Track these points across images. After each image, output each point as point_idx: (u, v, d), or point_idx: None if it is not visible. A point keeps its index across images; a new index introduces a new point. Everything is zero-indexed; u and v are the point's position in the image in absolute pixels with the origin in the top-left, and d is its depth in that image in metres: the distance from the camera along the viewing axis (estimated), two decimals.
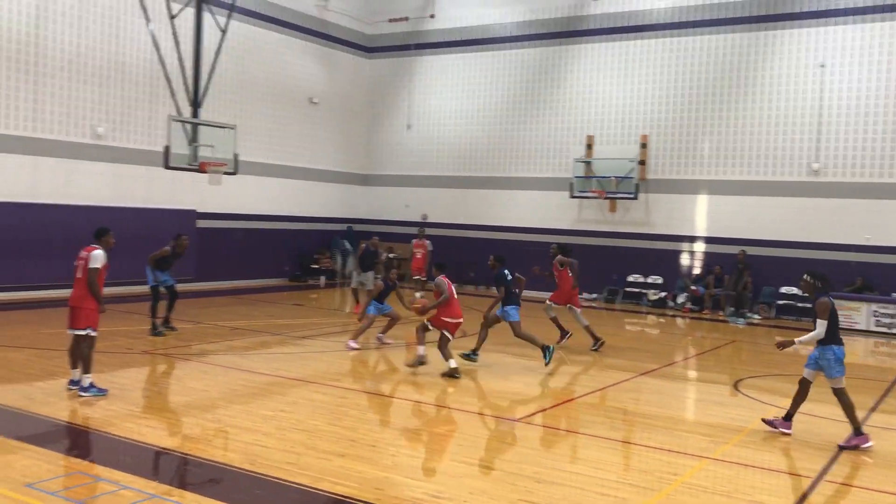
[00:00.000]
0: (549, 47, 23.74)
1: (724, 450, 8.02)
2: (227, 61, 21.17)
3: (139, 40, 19.47)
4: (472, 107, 25.03)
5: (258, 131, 22.93)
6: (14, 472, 6.44)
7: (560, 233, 23.19)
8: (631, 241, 22.29)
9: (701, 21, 21.44)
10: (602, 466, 7.27)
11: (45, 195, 17.82)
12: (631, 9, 22.45)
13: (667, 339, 16.80)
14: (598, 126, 22.82)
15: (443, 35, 25.54)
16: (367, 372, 11.76)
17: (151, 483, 6.35)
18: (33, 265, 17.47)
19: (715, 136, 21.25)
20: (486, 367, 12.13)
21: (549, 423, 8.80)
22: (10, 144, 17.21)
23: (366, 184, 27.03)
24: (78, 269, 9.17)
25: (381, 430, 8.25)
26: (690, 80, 21.59)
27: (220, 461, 6.98)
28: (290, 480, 6.47)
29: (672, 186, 21.73)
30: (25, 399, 8.81)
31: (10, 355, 11.23)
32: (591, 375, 11.85)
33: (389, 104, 26.73)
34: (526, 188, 23.92)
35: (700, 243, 21.51)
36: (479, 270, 24.44)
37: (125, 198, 19.37)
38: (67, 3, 18.17)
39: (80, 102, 18.53)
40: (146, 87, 19.84)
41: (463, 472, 6.93)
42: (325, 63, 25.36)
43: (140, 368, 11.05)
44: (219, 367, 11.56)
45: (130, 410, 8.54)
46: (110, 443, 7.49)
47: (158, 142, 19.39)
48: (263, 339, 14.19)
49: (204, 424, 8.26)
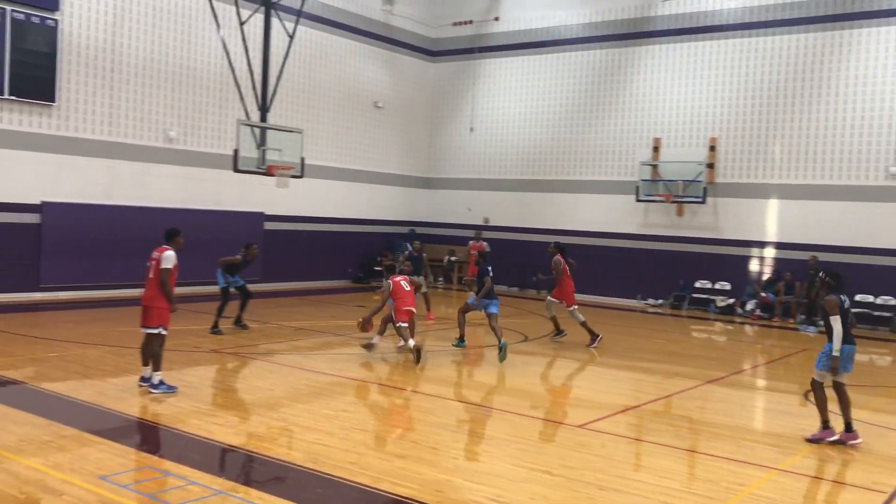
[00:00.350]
0: (615, 48, 23.49)
1: (793, 461, 7.80)
2: (295, 66, 21.56)
3: (210, 46, 19.97)
4: (535, 109, 24.92)
5: (324, 135, 23.27)
6: (89, 464, 6.67)
7: (625, 237, 22.94)
8: (698, 245, 21.86)
9: (773, 21, 20.92)
10: (666, 475, 7.14)
11: (119, 197, 18.40)
12: (700, 9, 22.04)
13: (735, 346, 16.42)
14: (665, 128, 22.47)
15: (507, 38, 25.50)
16: (427, 374, 11.79)
17: (218, 479, 6.49)
18: (108, 265, 18.05)
19: (786, 138, 20.70)
20: (548, 371, 12.06)
21: (611, 430, 8.69)
22: (88, 148, 17.82)
23: (428, 187, 27.15)
24: (150, 270, 9.42)
25: (441, 433, 8.27)
26: (761, 82, 21.08)
27: (284, 459, 7.09)
28: (352, 480, 6.53)
29: (741, 190, 21.25)
30: (99, 394, 9.10)
31: (85, 352, 11.62)
32: (656, 383, 11.66)
33: (452, 107, 26.81)
34: (590, 191, 23.68)
35: (770, 249, 20.97)
36: (541, 274, 24.32)
37: (195, 200, 19.87)
38: (142, 11, 18.74)
39: (153, 107, 19.08)
40: (216, 91, 20.32)
41: (524, 476, 6.89)
42: (389, 67, 25.59)
43: (208, 367, 11.31)
44: (284, 366, 11.76)
45: (198, 408, 8.75)
46: (179, 439, 7.68)
47: (228, 145, 19.86)
48: (327, 339, 14.37)
49: (269, 423, 8.41)
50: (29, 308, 15.99)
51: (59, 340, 12.50)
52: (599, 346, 14.20)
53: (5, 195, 16.54)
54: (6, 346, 11.74)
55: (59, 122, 17.33)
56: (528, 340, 14.99)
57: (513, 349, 13.93)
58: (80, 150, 17.68)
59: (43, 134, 17.05)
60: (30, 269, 17.02)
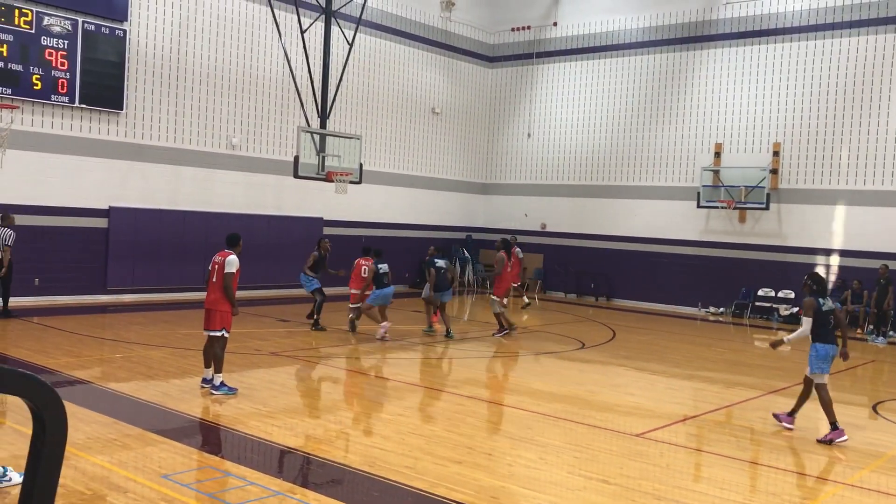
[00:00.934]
0: (675, 52, 23.16)
1: (860, 475, 7.56)
2: (354, 73, 21.81)
3: (272, 54, 20.33)
4: (593, 114, 24.72)
5: (382, 141, 23.48)
6: (152, 463, 6.83)
7: (685, 244, 22.57)
8: (761, 253, 21.38)
9: (839, 23, 20.37)
10: (727, 487, 6.99)
11: (183, 202, 18.85)
12: (763, 12, 21.58)
13: (799, 356, 15.98)
14: (727, 133, 22.06)
15: (565, 42, 25.38)
16: (484, 380, 11.78)
17: (276, 480, 6.59)
18: (171, 268, 18.51)
19: (854, 143, 20.11)
20: (605, 379, 11.93)
21: (670, 440, 8.55)
22: (154, 154, 18.30)
23: (485, 192, 27.16)
24: (212, 273, 9.60)
25: (497, 439, 8.24)
26: (827, 85, 20.53)
27: (341, 462, 7.15)
28: (407, 484, 6.55)
29: (806, 196, 20.71)
30: (162, 395, 9.33)
31: (149, 353, 11.92)
32: (717, 392, 11.43)
33: (510, 113, 26.78)
34: (650, 197, 23.37)
35: (836, 257, 20.38)
36: (599, 280, 24.10)
37: (257, 205, 20.23)
38: (207, 20, 19.19)
39: (217, 114, 19.51)
40: (277, 99, 20.68)
41: (580, 485, 6.82)
42: (447, 73, 25.69)
43: (268, 369, 11.49)
44: (341, 370, 11.88)
45: (258, 409, 8.89)
46: (239, 440, 7.82)
47: (288, 152, 20.20)
48: (384, 344, 14.47)
49: (326, 425, 8.50)
50: (96, 310, 16.47)
51: (125, 342, 12.85)
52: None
53: (75, 200, 17.10)
54: (74, 347, 12.12)
55: (127, 129, 17.84)
56: (585, 348, 14.86)
57: (570, 356, 13.84)
58: (147, 157, 18.18)
59: (111, 141, 17.58)
60: (97, 272, 17.54)
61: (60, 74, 16.48)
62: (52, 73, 16.36)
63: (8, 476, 6.05)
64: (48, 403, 2.07)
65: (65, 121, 16.83)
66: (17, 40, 15.85)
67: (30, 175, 16.37)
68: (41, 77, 16.21)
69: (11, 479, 6.03)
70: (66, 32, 16.55)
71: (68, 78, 16.58)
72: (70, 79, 16.61)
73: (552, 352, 14.16)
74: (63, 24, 16.51)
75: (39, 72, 16.19)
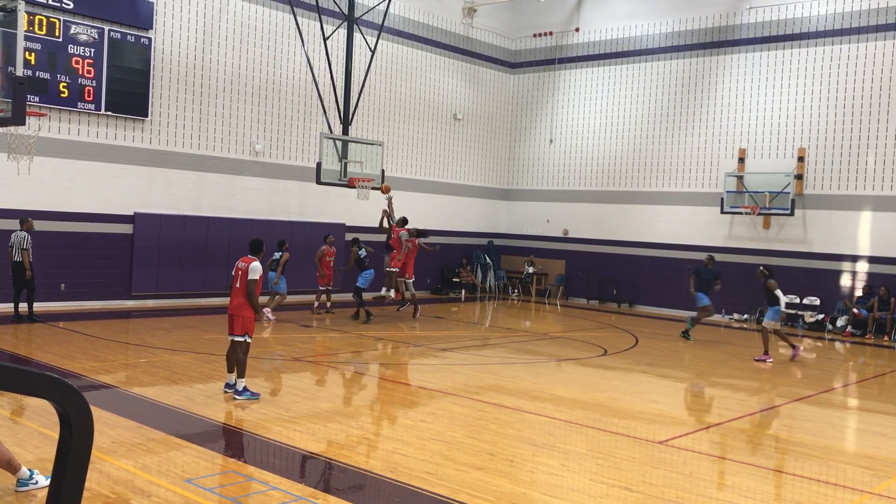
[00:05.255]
0: (698, 57, 23.03)
1: (887, 485, 7.45)
2: (376, 80, 21.90)
3: (295, 61, 20.47)
4: (616, 120, 24.63)
5: (404, 147, 23.54)
6: (176, 467, 6.89)
7: (709, 249, 22.35)
8: (786, 259, 21.16)
9: (864, 27, 20.15)
10: (751, 495, 6.92)
11: (207, 208, 19.01)
12: (786, 16, 21.40)
13: (825, 363, 15.83)
14: (751, 139, 21.89)
15: (587, 48, 25.32)
16: (506, 386, 11.75)
17: (298, 485, 6.61)
18: (196, 274, 18.66)
19: (881, 148, 19.87)
20: (628, 386, 11.87)
21: (694, 447, 8.48)
22: (178, 160, 18.48)
23: (507, 198, 27.13)
24: (236, 279, 9.67)
25: (519, 445, 8.22)
26: (852, 90, 20.31)
27: (363, 468, 7.17)
28: (429, 490, 6.55)
29: (832, 202, 20.50)
30: (186, 400, 9.40)
31: (173, 358, 12.02)
32: (741, 400, 11.33)
33: (532, 119, 26.75)
34: (673, 203, 23.23)
35: (863, 263, 20.13)
36: (621, 287, 23.99)
37: (280, 211, 20.36)
38: (230, 28, 19.37)
39: (241, 121, 19.66)
40: (300, 105, 20.80)
41: (602, 492, 6.79)
42: (469, 79, 25.72)
43: (290, 375, 11.54)
44: (363, 375, 11.91)
45: (280, 414, 8.93)
46: (262, 445, 7.86)
47: (311, 158, 20.31)
48: (405, 350, 14.49)
49: (348, 431, 8.52)
50: (121, 315, 16.64)
51: (149, 347, 12.97)
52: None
53: (101, 206, 17.30)
54: (100, 352, 12.25)
55: (152, 136, 18.03)
56: (607, 354, 14.78)
57: (592, 363, 13.78)
58: (171, 163, 18.35)
59: (136, 147, 17.78)
60: (122, 277, 17.73)
61: (87, 82, 16.69)
62: (78, 81, 16.58)
63: (35, 479, 6.12)
64: (75, 407, 2.10)
65: (91, 128, 17.05)
66: (45, 48, 16.09)
67: (56, 182, 16.59)
68: (68, 85, 16.43)
69: (38, 482, 6.10)
70: (93, 41, 16.78)
71: (94, 85, 16.80)
72: (96, 86, 16.83)
73: (574, 358, 14.11)
74: (90, 33, 16.73)
75: (66, 79, 16.41)
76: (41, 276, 15.38)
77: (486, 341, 16.12)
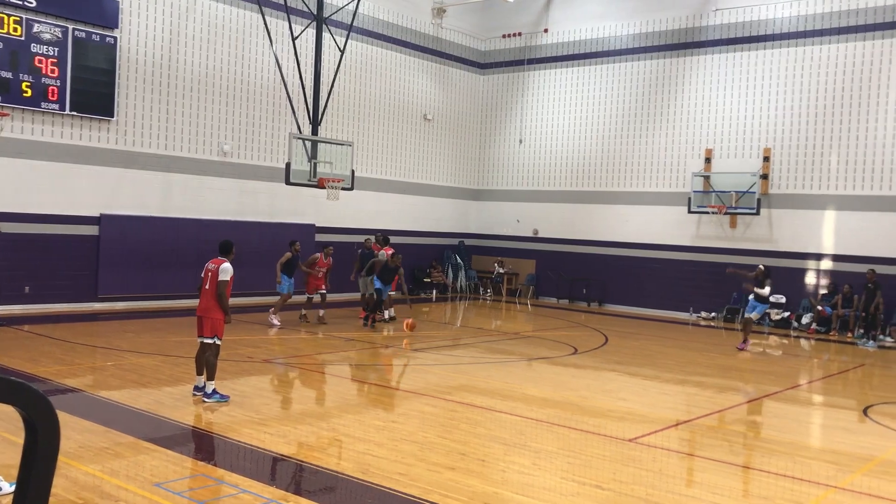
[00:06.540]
0: (665, 59, 23.26)
1: (851, 479, 7.59)
2: (345, 80, 21.82)
3: (263, 61, 20.32)
4: (585, 120, 24.79)
5: (374, 148, 23.48)
6: (144, 471, 6.81)
7: (677, 249, 22.64)
8: (752, 258, 21.41)
9: (828, 29, 20.49)
10: (719, 491, 7.01)
11: (175, 209, 18.81)
12: (752, 18, 21.69)
13: (790, 360, 16.07)
14: (717, 139, 22.15)
15: (556, 49, 25.45)
16: (477, 386, 11.78)
17: (269, 488, 6.57)
18: (163, 276, 18.45)
19: (843, 148, 20.22)
20: (598, 384, 11.95)
21: (663, 444, 8.56)
22: (145, 161, 18.27)
23: (477, 199, 27.18)
24: (205, 281, 9.58)
25: (491, 445, 8.25)
26: (817, 91, 20.64)
27: (334, 469, 7.14)
28: (401, 491, 6.55)
29: (796, 202, 20.81)
30: (155, 403, 9.29)
31: (141, 361, 11.88)
32: (709, 397, 11.46)
33: (502, 119, 26.83)
34: (641, 203, 23.45)
35: (826, 261, 20.47)
36: (591, 286, 24.14)
37: (249, 212, 20.21)
38: (198, 27, 19.19)
39: (208, 121, 19.49)
40: (269, 105, 20.66)
41: (573, 490, 6.83)
42: (439, 80, 25.73)
43: (260, 377, 11.46)
44: (334, 376, 11.87)
45: (250, 417, 8.87)
46: (231, 447, 7.80)
47: (280, 158, 20.19)
48: (377, 350, 14.46)
49: (319, 432, 8.48)
50: (87, 318, 16.41)
51: (117, 349, 12.81)
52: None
53: (66, 208, 17.04)
54: (66, 355, 12.06)
55: (118, 136, 17.81)
56: (577, 353, 14.88)
57: (563, 362, 13.85)
58: (138, 164, 18.14)
59: (102, 148, 17.54)
60: (88, 279, 17.48)
61: (51, 81, 16.44)
62: (42, 81, 16.32)
63: (0, 485, 6.02)
64: (41, 412, 2.06)
65: (55, 128, 16.79)
66: (6, 47, 15.81)
67: (21, 183, 16.31)
68: (31, 84, 16.17)
69: (2, 489, 6.00)
70: (57, 39, 16.52)
71: (59, 85, 16.55)
72: (60, 86, 16.57)
73: (545, 357, 14.18)
74: (53, 32, 16.48)
75: (30, 79, 16.14)
76: (4, 278, 15.11)
77: (458, 341, 16.15)
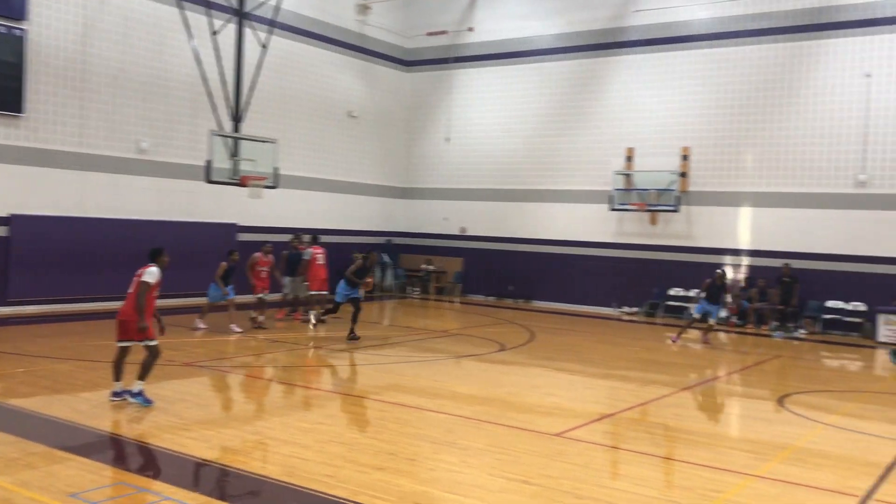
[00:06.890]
0: (588, 59, 23.64)
1: (768, 467, 7.85)
2: (268, 76, 21.43)
3: (182, 56, 19.79)
4: (510, 119, 25.00)
5: (298, 145, 23.16)
6: (59, 481, 6.54)
7: (599, 245, 23.05)
8: (672, 254, 22.02)
9: (743, 31, 21.16)
10: (643, 483, 7.15)
11: (91, 209, 18.17)
12: (671, 20, 22.24)
13: (709, 353, 16.54)
14: (638, 138, 22.63)
15: (481, 48, 25.58)
16: (404, 385, 11.75)
17: (192, 494, 6.40)
18: (80, 278, 17.80)
19: (758, 147, 20.93)
20: (524, 380, 12.06)
21: (589, 438, 8.69)
22: (59, 159, 17.59)
23: (405, 197, 27.12)
24: (132, 285, 9.33)
25: (419, 444, 8.22)
26: (733, 91, 21.30)
27: (260, 473, 7.01)
28: (328, 493, 6.47)
29: (714, 199, 21.44)
30: (71, 410, 8.95)
31: (55, 366, 11.44)
32: (632, 390, 11.70)
33: (428, 117, 26.83)
34: (565, 201, 23.78)
35: (743, 256, 21.16)
36: (518, 284, 24.38)
37: (169, 211, 19.68)
38: (113, 20, 18.57)
39: (125, 118, 18.89)
40: (188, 102, 20.16)
41: (501, 486, 6.87)
42: (364, 77, 25.56)
43: (181, 380, 11.17)
44: (258, 379, 11.66)
45: (172, 422, 8.63)
46: (153, 454, 7.57)
47: (200, 156, 19.67)
48: (302, 352, 14.28)
49: (243, 436, 8.31)
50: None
51: (28, 355, 12.28)
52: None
53: None
54: None
55: (28, 133, 17.09)
56: (505, 350, 14.99)
57: (490, 358, 13.93)
58: (51, 162, 17.45)
59: (11, 146, 16.81)
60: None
61: None
62: None
63: None
64: None
65: None
66: None
67: None
68: None
69: None
70: None
71: None
72: None
73: (473, 354, 14.24)
74: None
75: None
76: None
77: (386, 340, 16.08)
